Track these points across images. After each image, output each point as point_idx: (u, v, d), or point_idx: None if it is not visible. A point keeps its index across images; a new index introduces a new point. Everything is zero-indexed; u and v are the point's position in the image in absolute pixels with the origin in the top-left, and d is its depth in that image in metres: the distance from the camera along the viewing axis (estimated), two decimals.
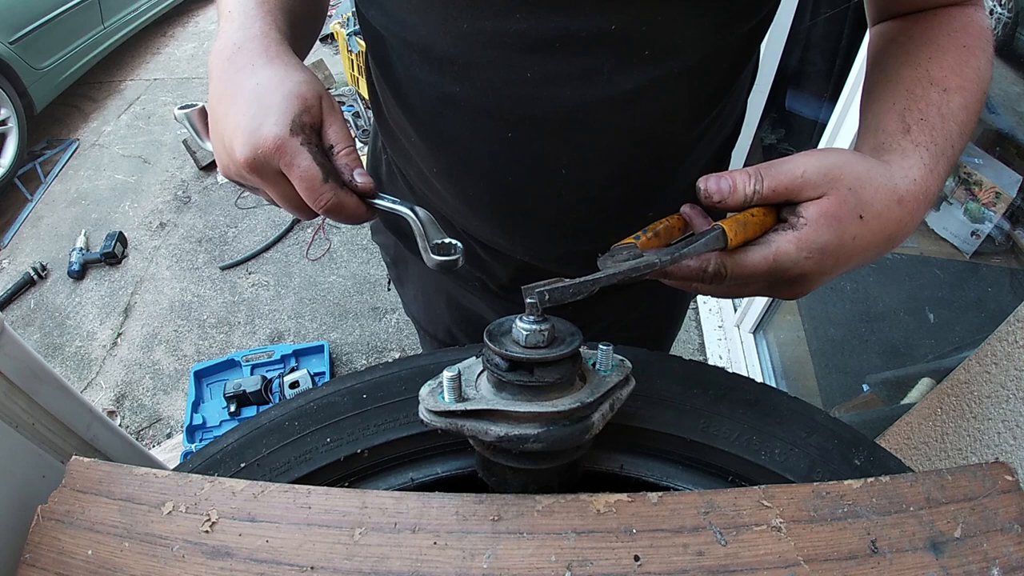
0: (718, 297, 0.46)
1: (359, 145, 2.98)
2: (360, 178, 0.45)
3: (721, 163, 0.68)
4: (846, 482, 0.40)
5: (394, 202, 0.46)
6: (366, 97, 2.91)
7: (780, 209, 0.41)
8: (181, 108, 0.50)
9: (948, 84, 0.45)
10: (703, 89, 0.53)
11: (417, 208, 0.45)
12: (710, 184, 0.40)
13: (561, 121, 0.50)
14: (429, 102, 0.54)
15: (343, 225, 2.62)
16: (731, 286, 0.42)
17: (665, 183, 0.60)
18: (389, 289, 0.95)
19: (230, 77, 0.44)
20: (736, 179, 0.40)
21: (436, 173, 0.60)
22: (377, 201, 0.46)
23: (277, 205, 0.47)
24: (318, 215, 0.46)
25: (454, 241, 0.45)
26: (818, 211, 0.39)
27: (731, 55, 0.52)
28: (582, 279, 0.36)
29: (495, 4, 0.45)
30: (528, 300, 0.36)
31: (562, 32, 0.45)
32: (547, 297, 0.36)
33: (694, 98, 0.53)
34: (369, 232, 0.74)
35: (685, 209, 0.46)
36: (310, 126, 0.43)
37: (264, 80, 0.43)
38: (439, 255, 0.44)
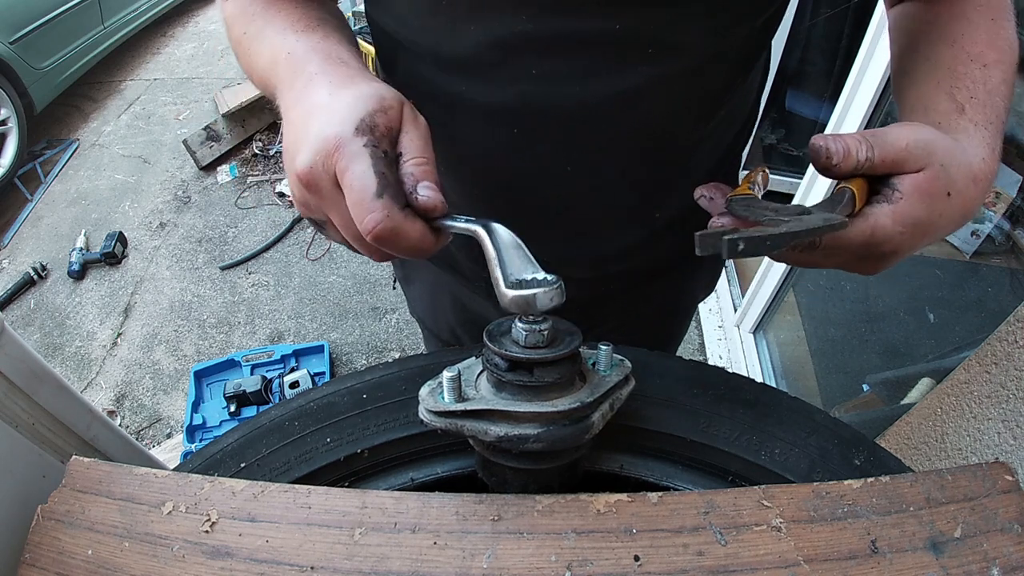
0: (799, 265, 0.45)
1: None
2: (425, 191, 0.36)
3: (731, 163, 0.68)
4: (846, 482, 0.40)
5: (468, 221, 0.37)
6: None
7: (873, 181, 0.39)
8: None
9: (987, 59, 0.44)
10: (709, 88, 0.52)
11: (493, 224, 0.36)
12: (830, 143, 0.38)
13: (565, 120, 0.50)
14: (435, 103, 0.54)
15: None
16: (820, 257, 0.40)
17: (672, 182, 0.59)
18: (394, 287, 0.95)
19: (309, 101, 0.39)
20: (849, 144, 0.38)
21: (441, 173, 0.60)
22: (447, 222, 0.37)
23: (349, 246, 0.39)
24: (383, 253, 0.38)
25: (547, 276, 0.35)
26: (913, 185, 0.38)
27: (737, 54, 0.52)
28: (771, 232, 0.32)
29: (500, 6, 0.45)
30: (725, 240, 0.32)
31: (566, 32, 0.45)
32: (740, 247, 0.32)
33: (700, 97, 0.53)
34: None
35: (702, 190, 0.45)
36: (384, 128, 0.37)
37: (343, 90, 0.38)
38: (518, 289, 0.34)
